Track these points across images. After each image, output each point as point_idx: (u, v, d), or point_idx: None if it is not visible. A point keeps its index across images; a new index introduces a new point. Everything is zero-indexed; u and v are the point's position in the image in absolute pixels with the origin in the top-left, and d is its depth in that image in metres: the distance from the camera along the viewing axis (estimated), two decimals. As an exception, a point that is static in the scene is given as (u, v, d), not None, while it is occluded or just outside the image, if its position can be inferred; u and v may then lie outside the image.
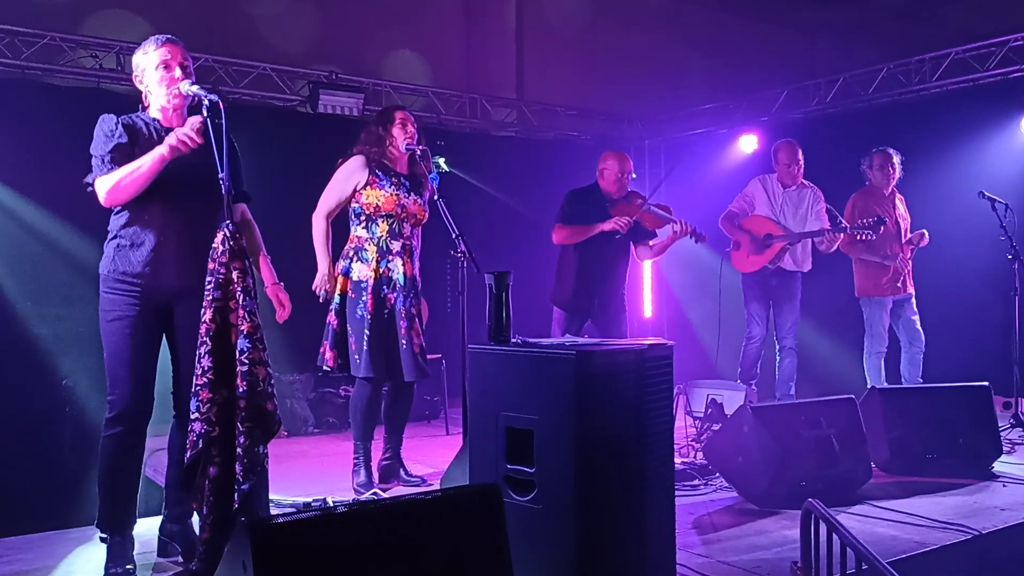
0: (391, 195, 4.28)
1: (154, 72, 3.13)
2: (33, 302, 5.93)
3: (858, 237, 5.73)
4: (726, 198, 6.38)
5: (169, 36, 3.19)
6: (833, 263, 6.29)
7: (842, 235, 5.85)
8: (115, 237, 3.13)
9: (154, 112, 3.19)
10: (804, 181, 6.13)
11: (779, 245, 5.92)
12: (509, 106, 8.89)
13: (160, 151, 2.97)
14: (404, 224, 4.34)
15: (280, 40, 7.77)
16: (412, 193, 4.37)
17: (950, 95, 7.20)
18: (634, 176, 5.42)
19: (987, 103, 6.88)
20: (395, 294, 4.31)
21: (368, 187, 4.28)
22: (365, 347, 4.22)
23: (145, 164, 2.98)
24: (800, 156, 6.07)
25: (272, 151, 7.04)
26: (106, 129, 3.09)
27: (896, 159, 6.04)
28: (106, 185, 3.02)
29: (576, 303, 5.26)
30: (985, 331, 6.63)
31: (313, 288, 4.34)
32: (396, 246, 4.32)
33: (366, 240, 4.31)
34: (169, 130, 3.17)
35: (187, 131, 2.94)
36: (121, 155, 3.04)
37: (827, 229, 5.89)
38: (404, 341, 4.29)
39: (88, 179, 3.07)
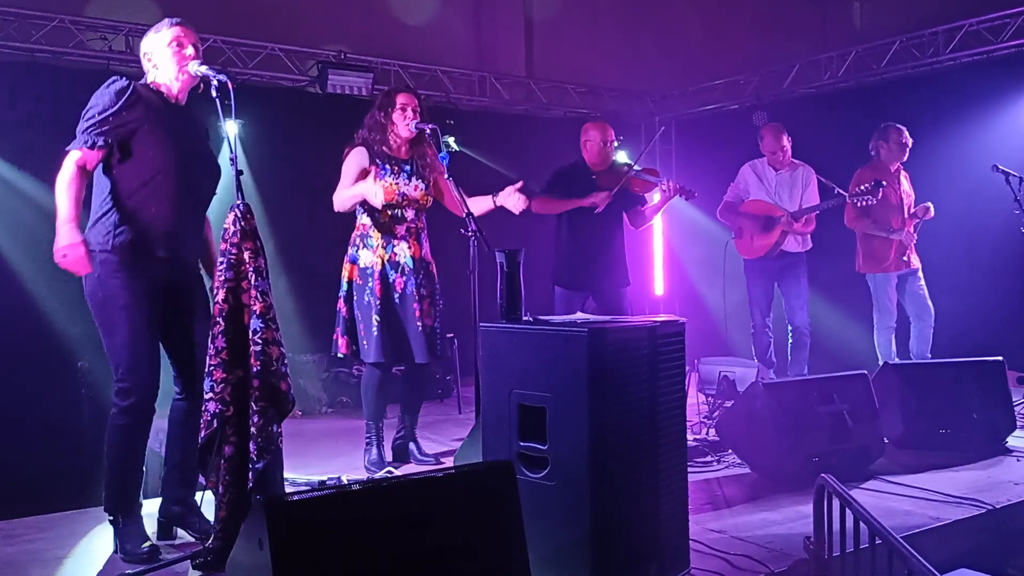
0: (391, 185, 4.26)
1: (165, 49, 3.13)
2: (48, 287, 5.96)
3: (858, 204, 5.70)
4: (737, 174, 6.34)
5: (180, 19, 3.20)
6: (841, 237, 6.26)
7: (845, 205, 5.80)
8: (113, 212, 3.04)
9: (161, 88, 3.17)
10: (795, 160, 6.13)
11: (780, 226, 5.90)
12: (519, 84, 8.84)
13: (61, 234, 2.91)
14: (407, 210, 4.33)
15: (288, 20, 7.74)
16: (413, 178, 4.35)
17: (964, 68, 7.12)
18: (616, 143, 5.38)
19: (1001, 75, 6.81)
20: (404, 278, 4.31)
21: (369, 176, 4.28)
22: (374, 332, 4.24)
23: (57, 210, 2.95)
24: (785, 140, 6.07)
25: (281, 132, 7.06)
26: (108, 95, 3.01)
27: (907, 134, 5.99)
28: (61, 173, 2.97)
29: (575, 279, 5.24)
30: (999, 305, 6.59)
31: (372, 197, 4.10)
32: (400, 230, 4.32)
33: (370, 227, 4.31)
34: (176, 105, 3.17)
35: (73, 264, 2.92)
36: (114, 126, 2.98)
37: (827, 204, 5.85)
38: (418, 323, 4.29)
39: (68, 147, 2.99)
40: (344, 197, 4.26)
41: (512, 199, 4.32)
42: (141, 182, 3.05)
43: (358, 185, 4.21)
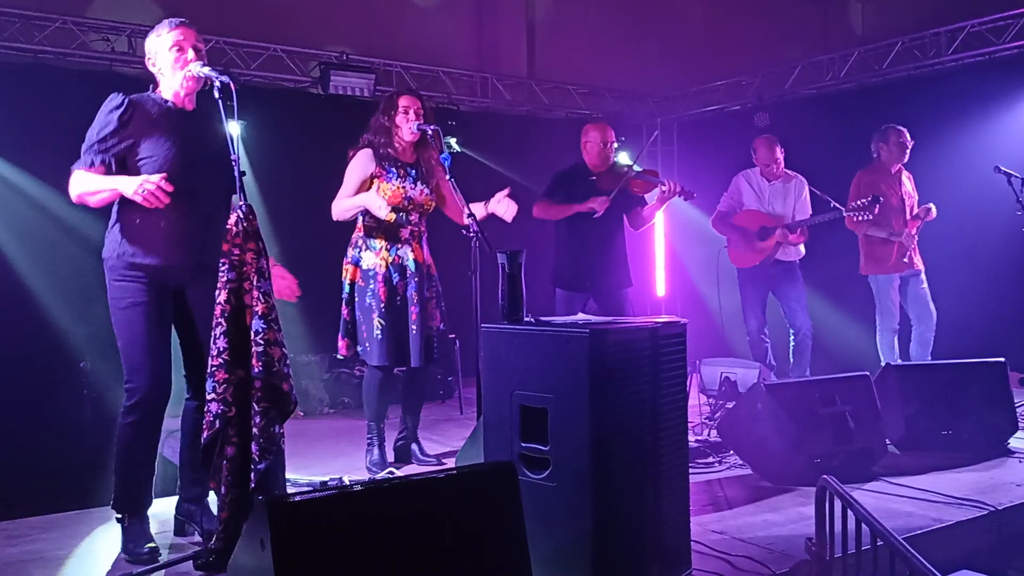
0: (397, 188, 4.27)
1: (167, 54, 3.13)
2: (51, 287, 5.98)
3: (856, 219, 5.71)
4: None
5: (182, 19, 3.19)
6: (842, 240, 6.26)
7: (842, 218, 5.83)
8: (118, 221, 3.12)
9: (166, 94, 3.18)
10: (788, 171, 6.14)
11: (775, 237, 5.92)
12: (520, 85, 8.85)
13: (122, 187, 2.95)
14: (412, 213, 4.34)
15: (290, 21, 7.75)
16: (418, 183, 4.35)
17: (966, 69, 7.12)
18: (616, 144, 5.39)
19: (1003, 76, 6.81)
20: (405, 281, 4.31)
21: (376, 179, 4.28)
22: (377, 335, 4.24)
23: (104, 191, 3.00)
24: (778, 151, 6.09)
25: (284, 133, 7.06)
26: (104, 114, 3.06)
27: (907, 135, 5.99)
28: (73, 187, 3.06)
29: (576, 280, 5.23)
30: (1000, 306, 6.58)
31: (377, 210, 4.14)
32: (404, 233, 4.32)
33: (374, 229, 4.32)
34: (180, 111, 3.18)
35: (155, 188, 2.89)
36: (111, 145, 3.04)
37: (823, 218, 5.86)
38: (414, 327, 4.29)
39: (72, 166, 3.07)
40: (345, 207, 4.26)
41: (502, 206, 4.28)
42: None
43: (360, 196, 4.21)
